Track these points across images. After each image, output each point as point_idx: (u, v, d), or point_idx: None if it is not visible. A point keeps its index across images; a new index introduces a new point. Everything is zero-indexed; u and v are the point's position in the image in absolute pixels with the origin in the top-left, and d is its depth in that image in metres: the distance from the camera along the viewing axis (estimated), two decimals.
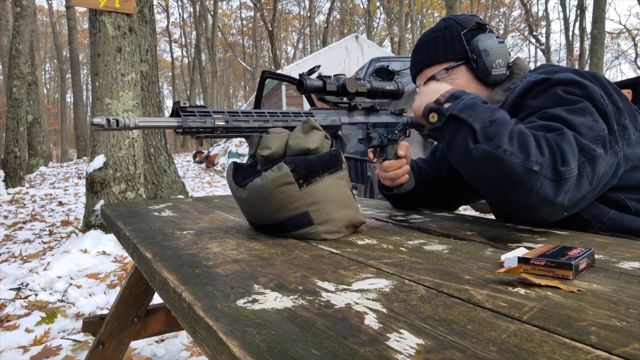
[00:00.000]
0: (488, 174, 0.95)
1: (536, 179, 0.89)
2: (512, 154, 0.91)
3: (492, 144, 0.93)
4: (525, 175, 0.89)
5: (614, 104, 1.02)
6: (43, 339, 2.19)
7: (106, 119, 0.84)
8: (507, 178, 0.92)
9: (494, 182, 0.95)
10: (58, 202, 6.78)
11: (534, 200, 0.91)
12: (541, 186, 0.89)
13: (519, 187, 0.91)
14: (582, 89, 1.01)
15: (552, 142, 0.92)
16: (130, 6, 4.00)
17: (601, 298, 0.56)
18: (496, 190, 0.97)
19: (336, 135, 1.17)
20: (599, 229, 1.08)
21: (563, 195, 0.90)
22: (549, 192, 0.89)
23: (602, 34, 12.54)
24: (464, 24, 1.27)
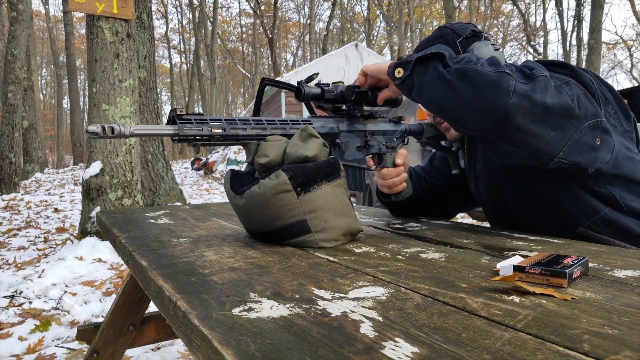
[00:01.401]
0: (462, 90, 0.94)
1: (509, 79, 0.90)
2: (483, 65, 0.93)
3: (462, 62, 0.95)
4: (499, 77, 0.90)
5: (602, 92, 1.04)
6: (37, 347, 2.18)
7: (101, 127, 0.84)
8: (481, 86, 0.91)
9: (469, 96, 0.93)
10: (53, 208, 6.75)
11: (513, 98, 0.89)
12: (515, 85, 0.89)
13: (495, 90, 0.90)
14: (570, 71, 1.03)
15: (518, 66, 0.96)
16: (129, 12, 4.01)
17: (594, 306, 0.56)
18: (474, 105, 0.94)
19: (334, 143, 1.18)
20: (587, 228, 1.08)
21: (540, 93, 0.89)
22: (525, 88, 0.89)
23: (598, 44, 12.64)
24: (460, 32, 1.28)
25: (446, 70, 0.96)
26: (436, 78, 0.98)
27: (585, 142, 0.97)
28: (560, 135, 0.94)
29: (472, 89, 0.92)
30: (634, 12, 23.98)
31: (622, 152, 1.04)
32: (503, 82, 0.89)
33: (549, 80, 0.91)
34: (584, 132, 0.96)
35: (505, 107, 0.89)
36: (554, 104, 0.91)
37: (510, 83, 0.89)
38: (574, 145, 0.96)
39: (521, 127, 0.91)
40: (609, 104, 1.05)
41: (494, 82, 0.90)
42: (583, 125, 0.96)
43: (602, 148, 1.00)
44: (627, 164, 1.05)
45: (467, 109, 0.95)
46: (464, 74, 0.93)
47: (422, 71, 1.01)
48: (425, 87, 1.01)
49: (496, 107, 0.90)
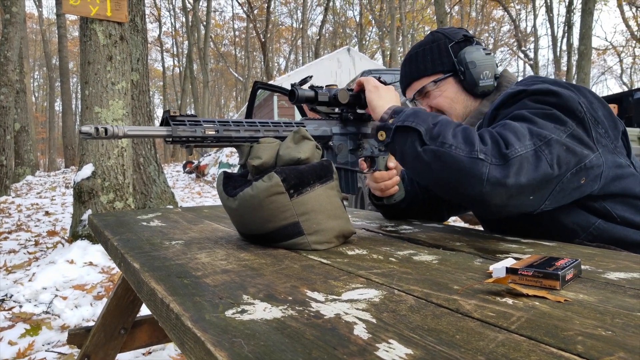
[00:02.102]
0: (439, 172, 0.96)
1: (483, 167, 0.90)
2: (457, 147, 0.93)
3: (438, 142, 0.95)
4: (472, 165, 0.91)
5: (592, 114, 1.04)
6: (27, 351, 2.16)
7: (95, 128, 0.83)
8: (456, 172, 0.93)
9: (446, 179, 0.96)
10: (44, 211, 6.70)
11: (486, 188, 0.91)
12: (489, 172, 0.90)
13: (469, 177, 0.92)
14: (557, 98, 1.02)
15: (494, 133, 0.96)
16: (122, 15, 4.00)
17: (587, 308, 0.57)
18: (450, 187, 0.98)
19: (327, 145, 1.18)
20: (584, 239, 1.09)
21: (514, 177, 0.90)
22: (497, 175, 0.90)
23: (588, 50, 12.77)
24: (451, 37, 1.29)
25: (422, 149, 0.98)
26: (414, 155, 1.00)
27: (569, 187, 1.00)
28: (540, 195, 0.97)
29: (447, 173, 0.95)
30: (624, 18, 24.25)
31: (611, 174, 1.05)
32: (476, 170, 0.91)
33: (524, 158, 0.92)
34: (566, 181, 0.98)
35: (479, 194, 0.93)
36: (530, 181, 0.93)
37: (484, 171, 0.91)
38: (557, 195, 0.99)
39: (498, 205, 0.95)
40: (599, 123, 1.04)
41: (467, 169, 0.92)
42: (565, 177, 0.98)
43: (587, 183, 1.02)
44: (615, 183, 1.06)
45: (445, 189, 1.01)
46: (439, 157, 0.95)
47: (402, 141, 1.03)
48: (405, 159, 1.04)
49: (471, 194, 0.94)
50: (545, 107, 1.01)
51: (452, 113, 1.29)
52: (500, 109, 1.12)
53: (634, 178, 1.09)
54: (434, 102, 1.30)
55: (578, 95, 1.04)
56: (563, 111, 1.00)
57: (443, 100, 1.29)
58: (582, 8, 12.82)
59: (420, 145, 0.98)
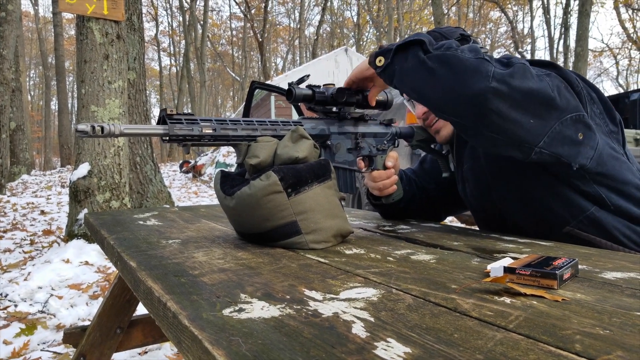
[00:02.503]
0: (442, 76, 0.95)
1: (489, 65, 0.91)
2: (463, 51, 0.94)
3: (443, 48, 0.96)
4: (479, 64, 0.91)
5: (587, 92, 1.05)
6: (22, 351, 2.14)
7: (91, 126, 0.83)
8: (462, 72, 0.92)
9: (450, 82, 0.94)
10: (40, 211, 6.67)
11: (492, 83, 0.89)
12: (494, 71, 0.90)
13: (475, 74, 0.91)
14: (557, 69, 1.03)
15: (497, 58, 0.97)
16: (119, 13, 3.99)
17: (585, 307, 0.57)
18: (454, 91, 0.94)
19: (325, 144, 1.17)
20: (575, 227, 1.08)
21: (518, 79, 0.90)
22: (503, 73, 0.90)
23: (585, 51, 12.81)
24: (448, 36, 1.29)
25: (427, 56, 0.97)
26: (417, 65, 0.98)
27: (567, 135, 0.97)
28: (541, 124, 0.94)
29: (452, 75, 0.93)
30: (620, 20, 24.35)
31: (606, 150, 1.05)
32: (482, 68, 0.91)
33: (528, 67, 0.92)
34: (566, 124, 0.96)
35: (484, 90, 0.90)
36: (533, 89, 0.91)
37: (490, 68, 0.90)
38: (555, 136, 0.96)
39: (500, 111, 0.91)
40: (595, 103, 1.06)
41: (473, 67, 0.91)
42: (564, 117, 0.96)
43: (584, 143, 1.00)
44: (612, 162, 1.05)
45: (448, 95, 0.96)
46: (444, 60, 0.94)
47: (403, 58, 1.01)
48: (406, 74, 1.01)
49: (476, 91, 0.91)
50: (542, 69, 1.01)
51: None
52: None
53: (627, 166, 1.09)
54: None
55: (575, 76, 1.06)
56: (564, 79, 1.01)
57: None
58: (579, 10, 12.86)
59: (424, 53, 0.98)
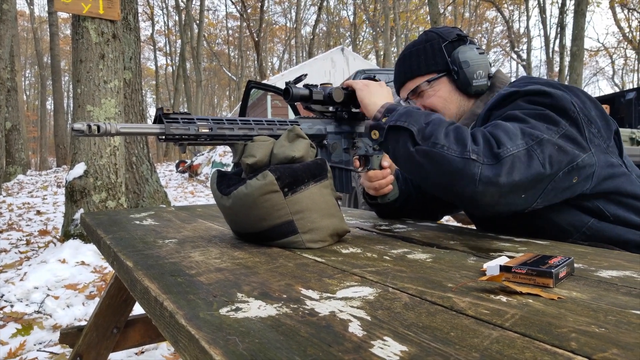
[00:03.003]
0: (431, 173, 0.97)
1: (475, 167, 0.91)
2: (450, 148, 0.94)
3: (430, 142, 0.96)
4: (464, 165, 0.92)
5: (585, 114, 1.04)
6: (18, 351, 2.14)
7: (87, 125, 0.83)
8: (448, 173, 0.94)
9: (438, 179, 0.97)
10: (36, 211, 6.64)
11: (479, 187, 0.91)
12: (481, 172, 0.91)
13: (462, 178, 0.92)
14: (550, 98, 1.03)
15: (486, 132, 0.96)
16: (115, 13, 3.98)
17: (581, 305, 0.57)
18: (443, 187, 0.99)
19: (322, 144, 1.17)
20: (578, 239, 1.09)
21: (506, 176, 0.91)
22: (489, 174, 0.91)
23: (581, 51, 12.85)
24: (445, 36, 1.29)
25: (415, 149, 0.98)
26: (406, 155, 1.01)
27: (561, 187, 1.00)
28: (532, 194, 0.97)
29: (440, 174, 0.96)
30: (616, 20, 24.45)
31: (603, 173, 1.05)
32: (468, 170, 0.92)
33: (516, 157, 0.92)
34: (558, 180, 0.99)
35: (472, 194, 0.93)
36: (522, 179, 0.93)
37: (476, 171, 0.91)
38: (548, 193, 0.99)
39: (490, 203, 0.95)
40: (592, 123, 1.05)
41: (459, 170, 0.92)
42: (557, 176, 0.98)
43: (579, 182, 1.02)
44: (608, 182, 1.07)
45: (438, 189, 1.02)
46: (431, 157, 0.96)
47: (395, 140, 1.04)
48: (398, 158, 1.05)
49: (463, 193, 0.94)
50: (538, 107, 1.02)
51: (446, 113, 1.29)
52: (494, 109, 1.13)
53: (626, 177, 1.10)
54: (427, 101, 1.30)
55: (571, 96, 1.04)
56: (556, 111, 1.01)
57: (437, 100, 1.29)
58: (575, 9, 12.90)
59: (413, 145, 0.99)
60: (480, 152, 0.92)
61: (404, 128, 1.01)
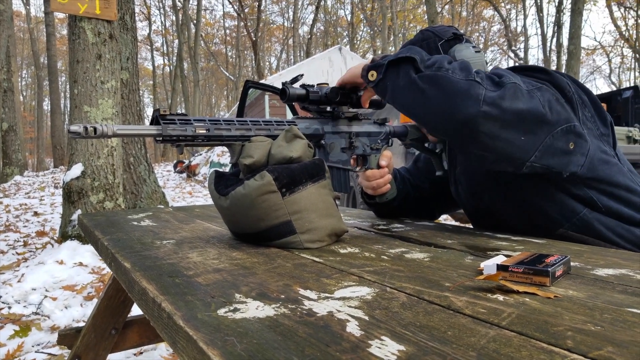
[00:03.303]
0: (434, 97, 0.95)
1: (479, 88, 0.91)
2: (454, 72, 0.94)
3: (434, 67, 0.96)
4: (469, 86, 0.92)
5: (579, 96, 1.05)
6: (16, 353, 2.14)
7: (83, 127, 0.83)
8: (452, 94, 0.93)
9: (441, 104, 0.95)
10: (33, 212, 6.63)
11: (483, 107, 0.90)
12: (485, 94, 0.91)
13: (466, 98, 0.92)
14: (547, 75, 1.04)
15: (489, 73, 0.97)
16: (111, 13, 3.97)
17: (577, 304, 0.57)
18: (444, 112, 0.96)
19: (319, 144, 1.18)
20: (569, 229, 1.09)
21: (509, 100, 0.91)
22: (494, 97, 0.91)
23: (578, 49, 12.88)
24: (441, 35, 1.29)
25: (418, 75, 0.97)
26: (408, 83, 0.99)
27: (558, 147, 0.98)
28: (532, 140, 0.95)
29: (443, 96, 0.94)
30: (612, 18, 24.50)
31: (597, 155, 1.06)
32: (473, 91, 0.91)
33: (518, 86, 0.93)
34: (557, 136, 0.97)
35: (475, 115, 0.91)
36: (524, 109, 0.92)
37: (480, 92, 0.91)
38: (546, 150, 0.97)
39: (491, 133, 0.93)
40: (586, 107, 1.07)
41: (464, 90, 0.92)
42: (555, 130, 0.97)
43: (575, 152, 1.01)
44: (602, 167, 1.07)
45: (439, 115, 0.97)
46: (435, 81, 0.95)
47: (395, 75, 1.02)
48: (397, 91, 1.02)
49: (466, 115, 0.92)
50: (535, 80, 1.02)
51: None
52: None
53: (618, 168, 1.10)
54: None
55: (567, 79, 1.07)
56: (555, 88, 1.02)
57: None
58: (572, 8, 12.93)
59: (415, 72, 0.98)
60: (483, 79, 0.93)
61: (406, 58, 1.00)
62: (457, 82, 0.93)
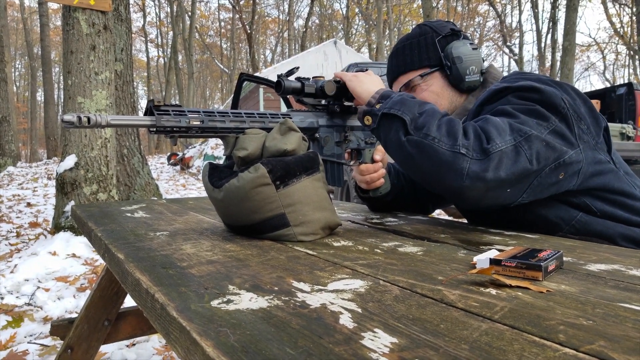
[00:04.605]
0: (421, 163, 0.98)
1: (464, 161, 0.92)
2: (440, 140, 0.94)
3: (422, 133, 0.96)
4: (454, 159, 0.93)
5: (574, 110, 1.05)
6: (9, 343, 2.13)
7: (77, 116, 0.82)
8: (437, 165, 0.95)
9: (427, 170, 0.98)
10: (26, 203, 6.59)
11: (466, 182, 0.93)
12: (469, 167, 0.92)
13: (450, 171, 0.94)
14: (540, 94, 1.03)
15: (477, 127, 0.97)
16: (106, 4, 3.94)
17: (569, 298, 0.58)
18: (431, 178, 1.00)
19: (314, 137, 1.17)
20: (568, 232, 1.10)
21: (493, 171, 0.92)
22: (477, 169, 0.92)
23: (572, 46, 12.91)
24: (439, 31, 1.29)
25: (406, 138, 0.99)
26: (397, 144, 1.01)
27: (547, 182, 1.01)
28: (518, 189, 0.99)
29: (429, 165, 0.96)
30: (607, 15, 24.57)
31: (590, 169, 1.06)
32: (457, 164, 0.93)
33: (504, 152, 0.93)
34: (545, 175, 1.00)
35: (459, 188, 0.95)
36: (508, 175, 0.94)
37: (464, 165, 0.92)
38: (535, 188, 1.01)
39: (476, 197, 0.97)
40: (582, 120, 1.06)
41: (448, 163, 0.93)
42: (543, 171, 0.99)
43: (566, 178, 1.03)
44: (594, 179, 1.08)
45: (426, 180, 1.03)
46: (422, 148, 0.96)
47: (387, 128, 1.04)
48: (389, 145, 1.05)
49: (450, 186, 0.96)
50: (528, 103, 1.03)
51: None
52: (485, 104, 1.13)
53: (613, 174, 1.10)
54: (420, 96, 1.30)
55: (561, 92, 1.05)
56: (546, 107, 1.01)
57: (429, 95, 1.29)
58: (567, 4, 12.95)
59: (405, 134, 0.99)
60: (469, 147, 0.93)
61: (397, 116, 1.01)
62: (442, 153, 0.94)
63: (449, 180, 0.95)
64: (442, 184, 0.98)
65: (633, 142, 5.05)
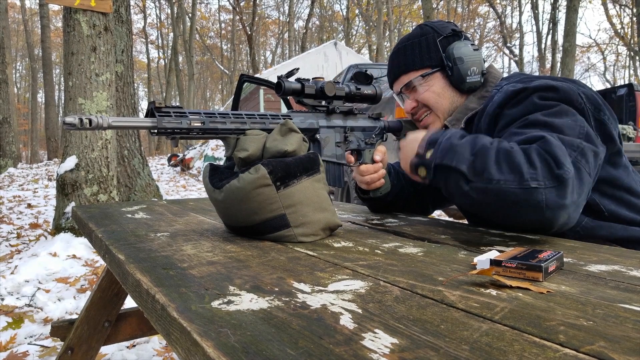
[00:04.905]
0: (493, 206, 0.94)
1: (539, 195, 0.87)
2: (507, 180, 0.89)
3: (484, 178, 0.91)
4: (528, 196, 0.88)
5: (592, 102, 1.06)
6: (9, 344, 2.13)
7: (79, 118, 0.82)
8: (511, 205, 0.90)
9: (502, 213, 0.95)
10: (27, 204, 6.59)
11: (547, 214, 0.89)
12: (547, 198, 0.87)
13: (527, 208, 0.89)
14: (558, 92, 1.04)
15: (541, 151, 0.91)
16: (106, 5, 3.94)
17: (569, 299, 0.58)
18: (509, 220, 0.96)
19: (314, 138, 1.18)
20: (571, 239, 1.10)
21: (571, 196, 0.89)
22: (556, 199, 0.88)
23: (573, 47, 12.92)
24: (440, 31, 1.29)
25: (469, 187, 0.94)
26: (461, 194, 0.96)
27: None
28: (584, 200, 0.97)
29: (503, 207, 0.92)
30: (607, 16, 24.57)
31: (606, 158, 1.08)
32: (532, 200, 0.88)
33: (575, 177, 0.90)
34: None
35: (542, 221, 0.91)
36: (581, 195, 0.93)
37: (540, 198, 0.87)
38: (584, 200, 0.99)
39: (562, 224, 0.94)
40: (601, 110, 1.08)
41: (523, 201, 0.88)
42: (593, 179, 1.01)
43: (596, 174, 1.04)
44: (608, 168, 1.09)
45: (500, 219, 0.99)
46: (489, 194, 0.91)
47: (444, 178, 0.99)
48: (451, 195, 1.01)
49: (533, 221, 0.92)
50: (551, 103, 1.03)
51: (438, 108, 1.30)
52: (504, 108, 1.12)
53: (624, 169, 1.12)
54: (420, 96, 1.31)
55: (577, 87, 1.07)
56: (567, 104, 1.03)
57: (429, 95, 1.29)
58: (567, 5, 12.96)
59: (466, 183, 0.94)
60: (539, 177, 0.88)
61: (452, 168, 0.95)
62: (512, 193, 0.89)
63: (529, 216, 0.91)
64: (523, 222, 0.94)
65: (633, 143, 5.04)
